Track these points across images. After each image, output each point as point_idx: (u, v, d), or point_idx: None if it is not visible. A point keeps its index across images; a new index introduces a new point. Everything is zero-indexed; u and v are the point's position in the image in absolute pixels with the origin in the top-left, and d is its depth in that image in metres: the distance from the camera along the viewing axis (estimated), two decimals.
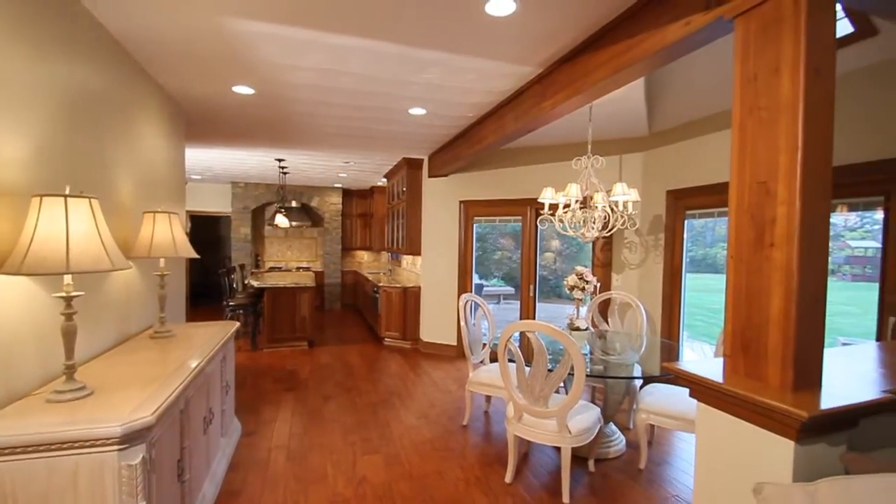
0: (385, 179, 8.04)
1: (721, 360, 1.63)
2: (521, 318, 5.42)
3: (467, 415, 3.62)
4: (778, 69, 1.43)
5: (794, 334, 1.37)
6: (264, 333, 5.97)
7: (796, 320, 1.37)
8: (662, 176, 4.38)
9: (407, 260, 7.75)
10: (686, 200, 4.10)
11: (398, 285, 6.31)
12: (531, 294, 5.39)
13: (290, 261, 9.77)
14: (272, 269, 9.28)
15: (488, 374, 3.45)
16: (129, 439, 1.44)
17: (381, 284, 6.47)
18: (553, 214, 3.65)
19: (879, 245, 2.57)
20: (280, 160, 6.51)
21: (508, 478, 2.75)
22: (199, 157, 6.39)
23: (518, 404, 2.67)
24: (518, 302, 5.58)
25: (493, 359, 3.54)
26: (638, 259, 4.66)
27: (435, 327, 5.99)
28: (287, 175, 7.58)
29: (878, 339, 2.58)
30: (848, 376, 1.52)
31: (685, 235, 4.16)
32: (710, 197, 3.82)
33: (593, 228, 3.55)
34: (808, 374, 1.40)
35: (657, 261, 4.42)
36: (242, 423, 3.50)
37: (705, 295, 4.21)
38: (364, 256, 10.53)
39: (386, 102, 3.70)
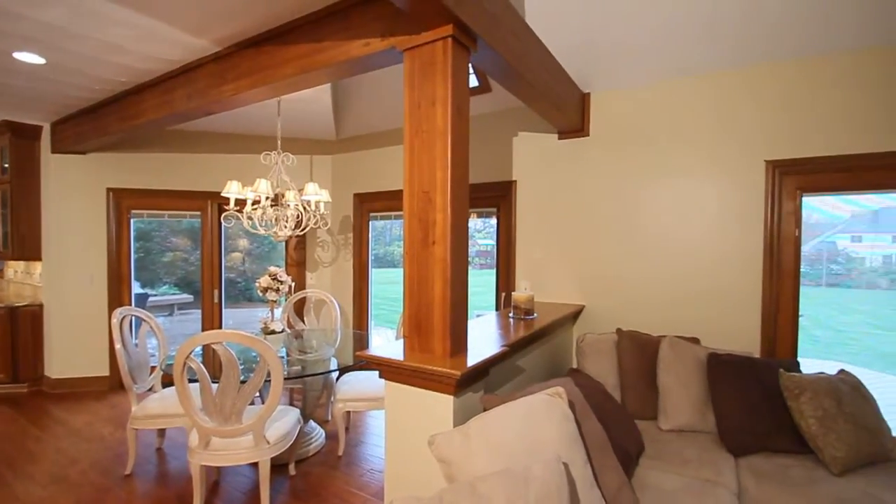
0: None
1: (402, 341, 1.91)
2: (203, 329, 4.74)
3: (131, 460, 2.87)
4: (434, 102, 1.78)
5: (450, 312, 1.75)
6: None
7: (451, 301, 1.76)
8: (349, 180, 4.76)
9: (16, 268, 5.41)
10: (370, 204, 4.61)
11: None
12: (216, 300, 4.79)
13: None
14: None
15: (160, 403, 2.85)
16: None
17: None
18: (240, 211, 3.36)
19: (495, 243, 3.67)
20: None
21: None
22: None
23: (204, 429, 2.32)
24: (199, 311, 4.85)
25: (168, 383, 2.94)
26: (330, 257, 4.90)
27: (72, 357, 4.45)
28: None
29: (496, 310, 3.66)
30: (481, 339, 2.07)
31: (370, 235, 4.67)
32: (389, 202, 4.43)
33: (286, 227, 3.48)
34: (459, 342, 1.81)
35: (347, 258, 4.77)
36: None
37: (387, 287, 4.87)
38: None
39: None
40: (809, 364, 2.39)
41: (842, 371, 2.22)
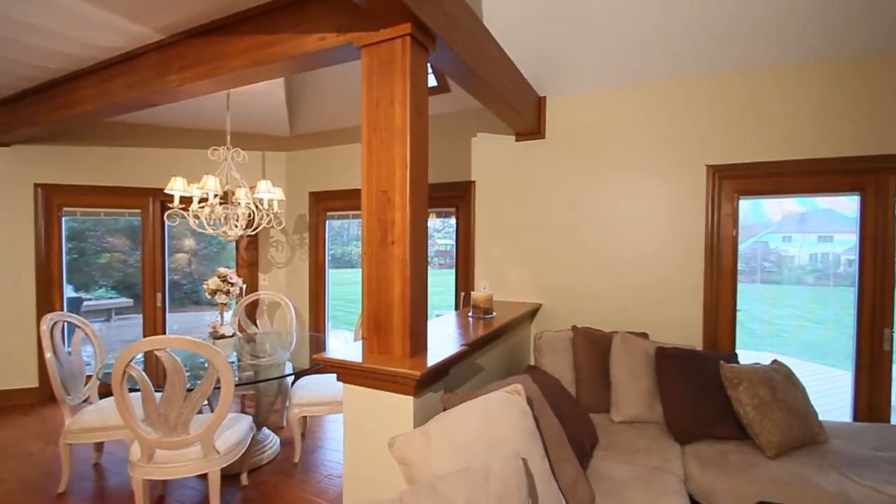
0: None
1: (360, 342, 1.87)
2: (145, 335, 4.45)
3: (65, 478, 2.65)
4: (393, 101, 1.75)
5: (410, 312, 1.74)
6: None
7: (410, 301, 1.74)
8: (305, 177, 4.62)
9: None
10: (326, 203, 4.49)
11: None
12: (159, 304, 4.51)
13: None
14: None
15: (97, 415, 2.65)
16: None
17: None
18: (186, 209, 3.18)
19: (454, 242, 3.68)
20: None
21: None
22: None
23: (147, 441, 2.17)
24: (140, 315, 4.55)
25: (106, 393, 2.74)
26: (285, 258, 4.73)
27: None
28: None
29: (456, 309, 3.67)
30: (441, 339, 2.06)
31: (327, 235, 4.55)
32: (347, 201, 4.34)
33: (236, 226, 3.33)
34: (418, 342, 1.80)
35: (303, 259, 4.63)
36: None
37: (345, 287, 4.76)
38: None
39: None
40: (747, 355, 2.57)
41: (775, 361, 2.39)
